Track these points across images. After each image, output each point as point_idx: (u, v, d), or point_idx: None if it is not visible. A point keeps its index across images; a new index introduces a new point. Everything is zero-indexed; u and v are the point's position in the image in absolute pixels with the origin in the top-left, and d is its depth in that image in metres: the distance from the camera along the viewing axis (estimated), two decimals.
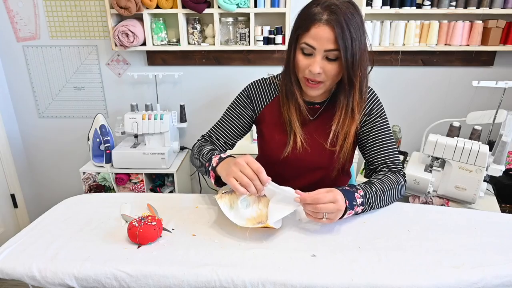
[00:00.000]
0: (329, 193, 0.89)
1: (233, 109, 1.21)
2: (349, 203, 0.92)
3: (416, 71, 2.19)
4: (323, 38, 0.95)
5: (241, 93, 1.22)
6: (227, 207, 0.91)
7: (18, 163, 2.41)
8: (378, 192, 1.00)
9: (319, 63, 0.98)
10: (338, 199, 0.89)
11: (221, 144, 1.21)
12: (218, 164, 1.00)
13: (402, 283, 0.75)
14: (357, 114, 1.09)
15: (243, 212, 0.92)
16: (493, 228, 0.95)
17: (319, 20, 0.94)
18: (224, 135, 1.21)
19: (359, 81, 1.03)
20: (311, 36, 0.96)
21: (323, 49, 0.96)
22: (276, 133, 1.17)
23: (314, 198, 0.88)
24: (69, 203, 1.08)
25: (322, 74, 1.00)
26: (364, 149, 1.16)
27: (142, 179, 2.14)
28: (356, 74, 1.01)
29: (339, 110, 1.09)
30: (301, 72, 1.03)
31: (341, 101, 1.08)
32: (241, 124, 1.21)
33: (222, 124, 1.22)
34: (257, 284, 0.75)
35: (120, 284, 0.77)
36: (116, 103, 2.36)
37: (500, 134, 1.47)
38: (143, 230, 0.85)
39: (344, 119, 1.09)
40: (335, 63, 0.99)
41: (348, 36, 0.94)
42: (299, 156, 1.14)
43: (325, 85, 1.04)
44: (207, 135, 1.23)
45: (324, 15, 0.94)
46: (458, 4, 1.92)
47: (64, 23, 2.16)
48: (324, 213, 0.88)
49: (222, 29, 2.07)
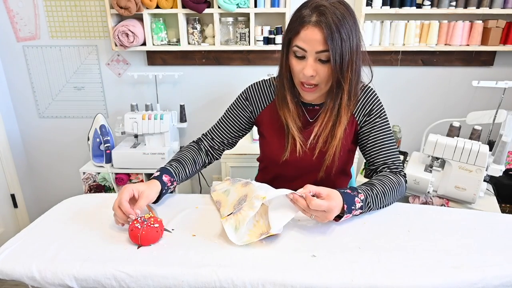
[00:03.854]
0: (327, 201, 0.88)
1: (231, 110, 1.22)
2: (348, 208, 0.92)
3: (416, 71, 2.19)
4: (313, 39, 0.94)
5: (241, 95, 1.22)
6: (232, 228, 0.88)
7: (18, 163, 2.41)
8: (379, 195, 0.99)
9: (312, 65, 0.98)
10: (332, 211, 0.88)
11: (217, 144, 1.23)
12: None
13: (402, 283, 0.75)
14: (343, 117, 1.07)
15: (244, 230, 0.89)
16: (493, 229, 0.95)
17: (308, 22, 0.94)
18: (220, 135, 1.23)
19: (349, 83, 1.02)
20: (301, 39, 0.96)
21: (314, 50, 0.96)
22: (275, 135, 1.17)
23: (308, 199, 0.87)
24: (69, 203, 1.08)
25: (316, 76, 0.99)
26: (365, 149, 1.16)
27: (142, 179, 2.13)
28: (345, 76, 0.99)
29: (323, 113, 1.08)
30: (296, 76, 1.03)
31: (327, 103, 1.07)
32: (238, 126, 1.22)
33: (220, 124, 1.23)
34: (257, 285, 0.75)
35: (120, 284, 0.77)
36: (116, 103, 2.35)
37: (500, 134, 1.47)
38: (146, 232, 0.85)
39: (327, 121, 1.08)
40: (327, 65, 0.98)
41: (338, 37, 0.93)
42: (299, 158, 1.14)
43: (321, 88, 1.03)
44: (204, 134, 1.25)
45: (313, 16, 0.94)
46: (458, 4, 1.92)
47: (64, 23, 2.16)
48: (312, 214, 0.89)
49: (222, 29, 2.07)
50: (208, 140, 1.23)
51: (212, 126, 1.25)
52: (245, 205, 0.91)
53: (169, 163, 1.11)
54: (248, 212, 0.88)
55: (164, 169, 1.06)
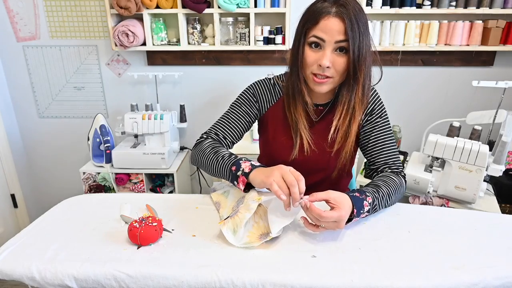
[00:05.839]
0: (336, 210, 0.86)
1: (239, 106, 1.18)
2: (357, 212, 0.91)
3: (416, 71, 2.19)
4: (333, 29, 0.95)
5: (247, 91, 1.19)
6: (230, 231, 0.88)
7: (18, 163, 2.41)
8: (385, 197, 0.99)
9: (328, 56, 0.97)
10: (342, 219, 0.86)
11: (228, 143, 1.16)
12: (251, 170, 0.95)
13: (402, 284, 0.74)
14: (358, 113, 1.08)
15: (243, 232, 0.89)
16: (494, 229, 0.95)
17: (328, 12, 0.95)
18: (231, 133, 1.16)
19: (363, 77, 1.02)
20: (320, 29, 0.96)
21: (333, 40, 0.96)
22: (281, 135, 1.16)
23: (317, 215, 0.85)
24: (69, 203, 1.08)
25: (331, 68, 0.99)
26: (366, 149, 1.16)
27: (142, 179, 2.13)
28: (361, 69, 1.00)
29: (340, 105, 1.08)
30: (309, 67, 1.02)
31: (344, 96, 1.07)
32: (247, 123, 1.18)
33: (228, 122, 1.17)
34: (257, 285, 0.75)
35: (119, 285, 0.77)
36: (116, 103, 2.35)
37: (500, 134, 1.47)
38: (144, 231, 0.85)
39: (345, 115, 1.08)
40: (344, 56, 0.98)
41: (357, 29, 0.95)
42: (305, 158, 1.13)
43: (334, 80, 1.03)
44: (212, 133, 1.16)
45: (333, 7, 0.95)
46: (458, 4, 1.92)
47: (64, 23, 2.16)
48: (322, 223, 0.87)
49: (222, 29, 2.07)
50: (220, 139, 1.15)
51: (219, 125, 1.17)
52: (242, 208, 0.91)
53: (233, 155, 1.04)
54: (244, 214, 0.88)
55: (249, 161, 0.99)
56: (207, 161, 1.07)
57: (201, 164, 1.10)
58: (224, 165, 1.01)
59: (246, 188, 0.97)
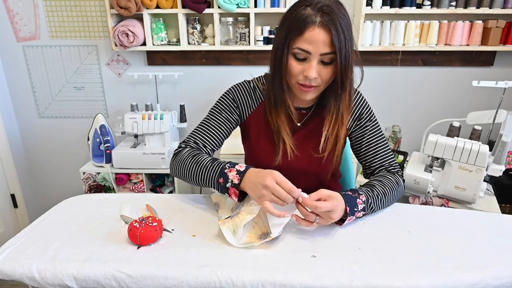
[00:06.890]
0: (330, 201, 0.87)
1: (219, 113, 1.13)
2: (350, 210, 0.91)
3: (416, 71, 2.19)
4: (319, 41, 0.90)
5: (226, 96, 1.15)
6: (230, 232, 0.88)
7: (18, 163, 2.41)
8: (380, 196, 0.99)
9: (315, 67, 0.94)
10: (337, 210, 0.87)
11: (208, 151, 1.11)
12: (240, 181, 0.92)
13: (402, 284, 0.74)
14: (345, 118, 1.07)
15: (242, 232, 0.89)
16: (494, 229, 0.95)
17: (313, 22, 0.90)
18: (211, 141, 1.11)
19: (350, 84, 1.00)
20: (306, 40, 0.91)
21: (319, 53, 0.92)
22: (263, 141, 1.13)
23: (313, 206, 0.86)
24: (69, 203, 1.08)
25: (318, 78, 0.96)
26: (359, 154, 1.15)
27: (142, 179, 2.14)
28: (348, 77, 0.98)
29: (329, 115, 1.06)
30: (294, 77, 0.98)
31: (331, 105, 1.05)
32: (227, 129, 1.14)
33: (208, 129, 1.12)
34: (257, 285, 0.75)
35: (119, 285, 0.77)
36: (116, 103, 2.35)
37: (500, 134, 1.47)
38: (144, 231, 0.85)
39: (334, 124, 1.06)
40: (330, 66, 0.95)
41: (343, 38, 0.91)
42: (290, 164, 1.10)
43: (320, 89, 1.01)
44: (191, 141, 1.10)
45: (318, 17, 0.90)
46: (458, 4, 1.92)
47: (64, 23, 2.16)
48: (316, 217, 0.87)
49: (222, 29, 2.07)
50: (200, 147, 1.10)
51: (198, 132, 1.12)
52: (243, 210, 0.91)
53: (214, 161, 0.99)
54: (245, 216, 0.88)
55: (234, 168, 0.96)
56: (189, 172, 1.02)
57: (182, 175, 1.05)
58: (209, 176, 0.97)
59: (240, 197, 0.95)
